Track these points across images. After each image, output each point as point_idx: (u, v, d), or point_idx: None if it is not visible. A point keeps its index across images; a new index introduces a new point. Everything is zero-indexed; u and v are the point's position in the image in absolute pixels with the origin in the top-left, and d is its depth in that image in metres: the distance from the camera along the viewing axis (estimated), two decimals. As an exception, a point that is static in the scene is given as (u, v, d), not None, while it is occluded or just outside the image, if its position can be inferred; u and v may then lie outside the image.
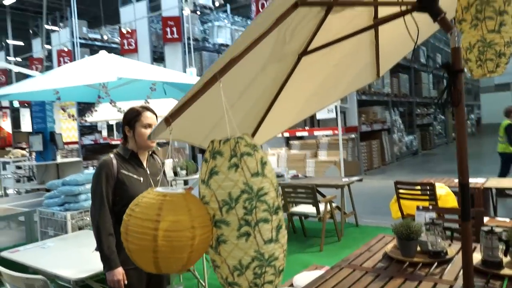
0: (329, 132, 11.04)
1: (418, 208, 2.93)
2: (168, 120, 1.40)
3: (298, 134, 11.59)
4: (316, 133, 11.37)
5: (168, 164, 7.23)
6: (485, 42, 2.23)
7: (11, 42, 19.43)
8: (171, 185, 6.80)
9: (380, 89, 12.67)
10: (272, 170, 1.49)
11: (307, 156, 11.15)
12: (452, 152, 16.41)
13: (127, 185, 2.26)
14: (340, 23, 2.40)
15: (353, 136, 11.29)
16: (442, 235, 2.40)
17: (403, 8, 2.11)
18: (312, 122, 11.91)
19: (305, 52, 2.41)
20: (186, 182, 7.36)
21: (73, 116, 5.50)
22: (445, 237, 2.45)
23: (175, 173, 7.12)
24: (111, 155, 2.30)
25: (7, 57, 20.27)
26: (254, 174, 1.40)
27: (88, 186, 4.02)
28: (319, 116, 7.01)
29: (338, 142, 10.98)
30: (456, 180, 5.04)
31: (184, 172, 7.09)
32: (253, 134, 2.68)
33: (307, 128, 11.69)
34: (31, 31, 19.36)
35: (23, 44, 19.56)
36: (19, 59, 20.76)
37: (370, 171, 11.91)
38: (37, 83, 3.92)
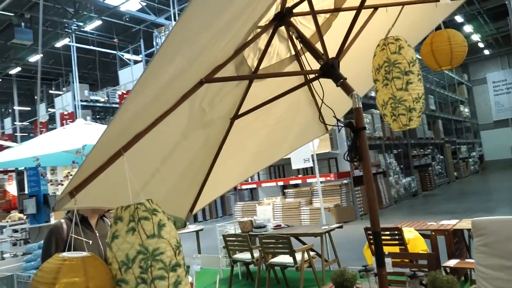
0: (322, 179, 11.17)
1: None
2: (72, 192, 1.61)
3: (292, 182, 11.72)
4: (309, 180, 11.50)
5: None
6: (396, 99, 2.46)
7: (17, 108, 20.31)
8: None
9: (371, 133, 12.92)
10: (171, 231, 1.67)
11: (301, 204, 11.22)
12: (453, 192, 16.33)
13: (77, 249, 2.43)
14: (268, 88, 2.66)
15: (346, 181, 11.39)
16: (376, 281, 2.52)
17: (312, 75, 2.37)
18: (306, 169, 12.08)
19: (236, 116, 2.64)
20: (174, 237, 7.46)
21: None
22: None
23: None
24: (62, 220, 2.50)
25: (14, 122, 21.07)
26: (150, 236, 1.58)
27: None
28: (294, 166, 7.20)
29: (332, 189, 11.08)
30: (430, 223, 5.12)
31: (172, 227, 7.21)
32: (199, 193, 2.86)
33: (300, 176, 11.84)
34: (36, 97, 20.27)
35: (29, 109, 20.38)
36: (26, 123, 21.55)
37: (367, 216, 11.87)
38: (18, 152, 4.22)
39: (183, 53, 1.44)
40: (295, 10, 2.38)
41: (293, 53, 2.54)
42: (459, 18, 20.03)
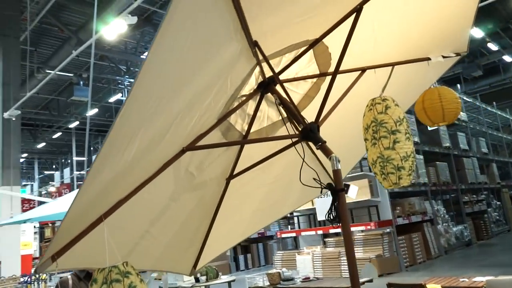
0: (362, 228, 10.85)
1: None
2: (54, 257, 1.80)
3: (332, 231, 11.46)
4: (348, 229, 11.20)
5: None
6: (384, 158, 2.51)
7: (75, 158, 21.82)
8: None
9: (415, 179, 12.48)
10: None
11: (341, 253, 10.88)
12: (513, 241, 15.13)
13: None
14: (261, 148, 2.79)
15: (388, 230, 10.97)
16: None
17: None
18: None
19: (232, 176, 2.78)
20: (207, 288, 7.50)
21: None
22: None
23: (196, 279, 7.32)
24: (68, 276, 2.71)
25: (72, 172, 22.53)
26: (120, 298, 1.72)
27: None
28: (320, 217, 7.09)
29: (373, 238, 10.72)
30: (462, 279, 4.84)
31: (204, 278, 7.29)
32: (201, 250, 2.97)
33: (339, 224, 11.56)
34: (92, 148, 21.76)
35: (86, 159, 21.77)
36: (82, 172, 22.96)
37: (413, 267, 11.26)
38: (52, 208, 4.60)
39: (142, 135, 1.62)
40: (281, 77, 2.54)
41: (283, 116, 2.68)
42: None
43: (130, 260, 2.21)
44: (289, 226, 13.09)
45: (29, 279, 9.58)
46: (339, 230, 11.31)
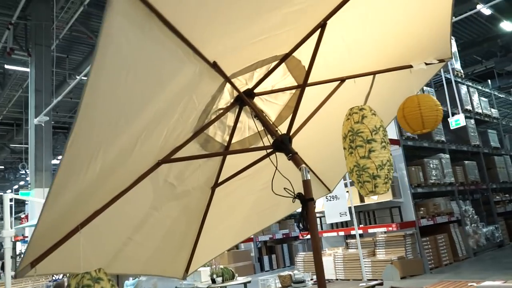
0: (383, 229, 10.72)
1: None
2: (33, 263, 1.98)
3: (353, 232, 11.39)
4: (370, 230, 11.09)
5: (205, 271, 7.68)
6: (360, 166, 2.57)
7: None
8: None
9: (440, 179, 12.20)
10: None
11: (362, 255, 10.79)
12: (549, 242, 14.48)
13: None
14: (245, 157, 2.89)
15: (411, 231, 10.79)
16: None
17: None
18: (368, 218, 11.70)
19: (216, 185, 2.90)
20: (223, 289, 7.65)
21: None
22: None
23: (213, 280, 7.50)
24: (65, 279, 2.92)
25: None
26: (90, 302, 1.88)
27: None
28: (329, 220, 7.09)
29: (395, 240, 10.59)
30: (470, 284, 4.77)
31: (220, 279, 7.45)
32: (192, 255, 3.11)
33: (361, 225, 11.47)
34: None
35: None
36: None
37: (438, 269, 11.02)
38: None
39: (103, 154, 1.77)
40: (256, 90, 2.64)
41: (259, 128, 2.77)
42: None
43: (116, 265, 2.39)
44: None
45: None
46: (360, 231, 11.24)
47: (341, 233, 11.78)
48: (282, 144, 2.39)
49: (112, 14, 1.21)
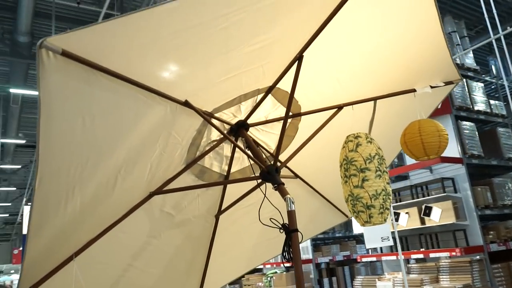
0: (446, 254, 10.01)
1: None
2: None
3: (414, 256, 10.77)
4: (432, 255, 10.41)
5: None
6: (354, 196, 2.55)
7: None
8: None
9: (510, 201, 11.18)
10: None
11: (424, 281, 10.13)
12: None
13: None
14: (247, 185, 2.96)
15: (478, 257, 9.96)
16: None
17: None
18: (431, 241, 10.99)
19: (220, 212, 3.00)
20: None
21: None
22: None
23: (259, 303, 7.50)
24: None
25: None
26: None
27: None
28: (369, 245, 6.74)
29: (460, 266, 9.84)
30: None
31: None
32: (202, 280, 3.22)
33: (422, 249, 10.81)
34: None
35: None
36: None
37: (513, 300, 10.00)
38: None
39: (79, 191, 1.94)
40: (250, 121, 2.71)
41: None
42: None
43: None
44: (369, 250, 12.56)
45: None
46: (421, 255, 10.60)
47: (401, 257, 11.18)
48: (268, 174, 2.43)
49: (46, 73, 1.38)
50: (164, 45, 1.67)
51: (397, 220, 11.26)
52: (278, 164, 2.65)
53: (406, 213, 11.17)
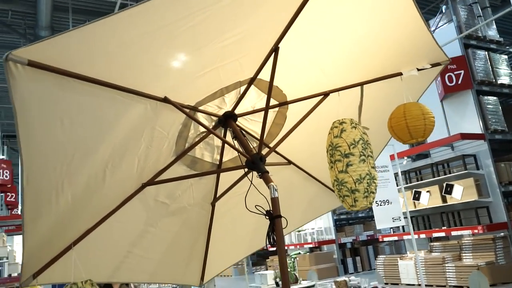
0: (468, 232, 9.90)
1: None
2: (35, 275, 2.38)
3: (435, 235, 10.70)
4: (453, 233, 10.30)
5: (269, 275, 7.91)
6: (339, 181, 2.63)
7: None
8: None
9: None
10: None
11: (446, 259, 10.07)
12: None
13: None
14: (240, 173, 3.06)
15: (502, 234, 9.79)
16: None
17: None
18: (453, 219, 10.86)
19: (216, 199, 3.13)
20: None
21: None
22: None
23: (276, 283, 7.70)
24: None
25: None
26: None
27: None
28: (379, 225, 6.73)
29: (484, 243, 9.74)
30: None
31: (283, 282, 7.61)
32: (204, 265, 3.38)
33: (444, 227, 10.70)
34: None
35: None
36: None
37: (539, 277, 9.83)
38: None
39: (68, 184, 2.09)
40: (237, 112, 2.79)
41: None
42: None
43: (120, 275, 2.76)
44: (390, 230, 12.51)
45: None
46: (442, 234, 10.51)
47: (422, 236, 11.12)
48: (253, 164, 2.52)
49: (17, 83, 1.50)
50: (130, 48, 1.76)
51: (418, 199, 11.18)
52: (265, 153, 2.74)
53: (427, 191, 11.07)
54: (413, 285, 10.58)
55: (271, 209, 2.47)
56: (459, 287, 9.52)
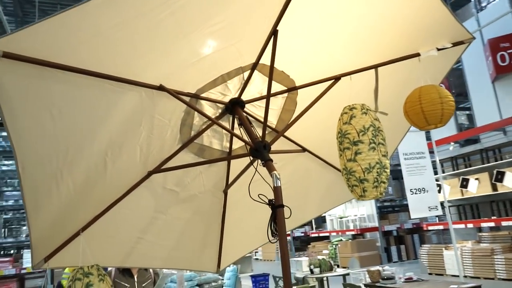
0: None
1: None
2: (46, 259, 2.47)
3: (484, 224, 10.12)
4: (504, 223, 9.68)
5: (304, 261, 7.85)
6: (347, 170, 2.54)
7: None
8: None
9: None
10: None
11: (495, 251, 9.51)
12: None
13: None
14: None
15: (559, 225, 9.09)
16: None
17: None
18: (504, 208, 10.20)
19: (228, 187, 3.11)
20: (321, 280, 7.69)
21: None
22: None
23: (311, 271, 7.64)
24: (112, 269, 3.48)
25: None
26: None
27: None
28: (414, 214, 6.35)
29: (538, 234, 9.10)
30: None
31: (317, 270, 7.54)
32: (220, 252, 3.39)
33: (494, 217, 10.08)
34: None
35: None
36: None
37: None
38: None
39: (68, 175, 2.13)
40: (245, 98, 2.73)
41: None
42: None
43: (132, 260, 2.83)
44: (436, 218, 11.97)
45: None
46: (492, 224, 9.91)
47: (470, 225, 10.56)
48: (256, 151, 2.46)
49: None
50: (110, 37, 1.74)
51: (465, 186, 10.63)
52: (273, 138, 2.67)
53: (476, 179, 10.49)
54: (458, 276, 10.11)
55: (273, 198, 2.39)
56: (509, 280, 8.97)
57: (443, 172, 11.52)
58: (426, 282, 5.68)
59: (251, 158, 2.65)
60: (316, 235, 18.04)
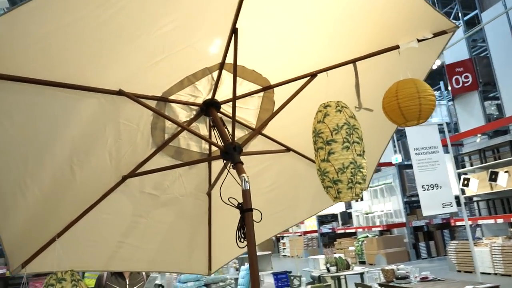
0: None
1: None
2: (23, 265, 2.51)
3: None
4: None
5: (321, 260, 7.73)
6: (321, 171, 2.44)
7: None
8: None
9: None
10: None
11: (527, 247, 9.03)
12: None
13: None
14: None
15: None
16: None
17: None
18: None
19: (210, 189, 3.07)
20: (338, 278, 7.53)
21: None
22: None
23: (328, 269, 7.51)
24: (105, 272, 3.51)
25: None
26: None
27: None
28: (426, 212, 6.02)
29: None
30: None
31: (334, 268, 7.40)
32: (210, 254, 3.37)
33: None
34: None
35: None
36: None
37: None
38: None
39: (32, 181, 2.15)
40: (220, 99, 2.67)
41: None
42: None
43: (115, 264, 2.84)
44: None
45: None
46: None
47: (500, 220, 10.08)
48: (226, 154, 2.40)
49: None
50: (53, 44, 1.72)
51: (495, 180, 10.17)
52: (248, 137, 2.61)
53: (506, 172, 10.01)
54: (489, 274, 9.69)
55: (242, 202, 2.33)
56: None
57: (471, 165, 11.05)
58: (441, 282, 5.44)
59: (224, 161, 2.59)
60: (343, 231, 17.78)
